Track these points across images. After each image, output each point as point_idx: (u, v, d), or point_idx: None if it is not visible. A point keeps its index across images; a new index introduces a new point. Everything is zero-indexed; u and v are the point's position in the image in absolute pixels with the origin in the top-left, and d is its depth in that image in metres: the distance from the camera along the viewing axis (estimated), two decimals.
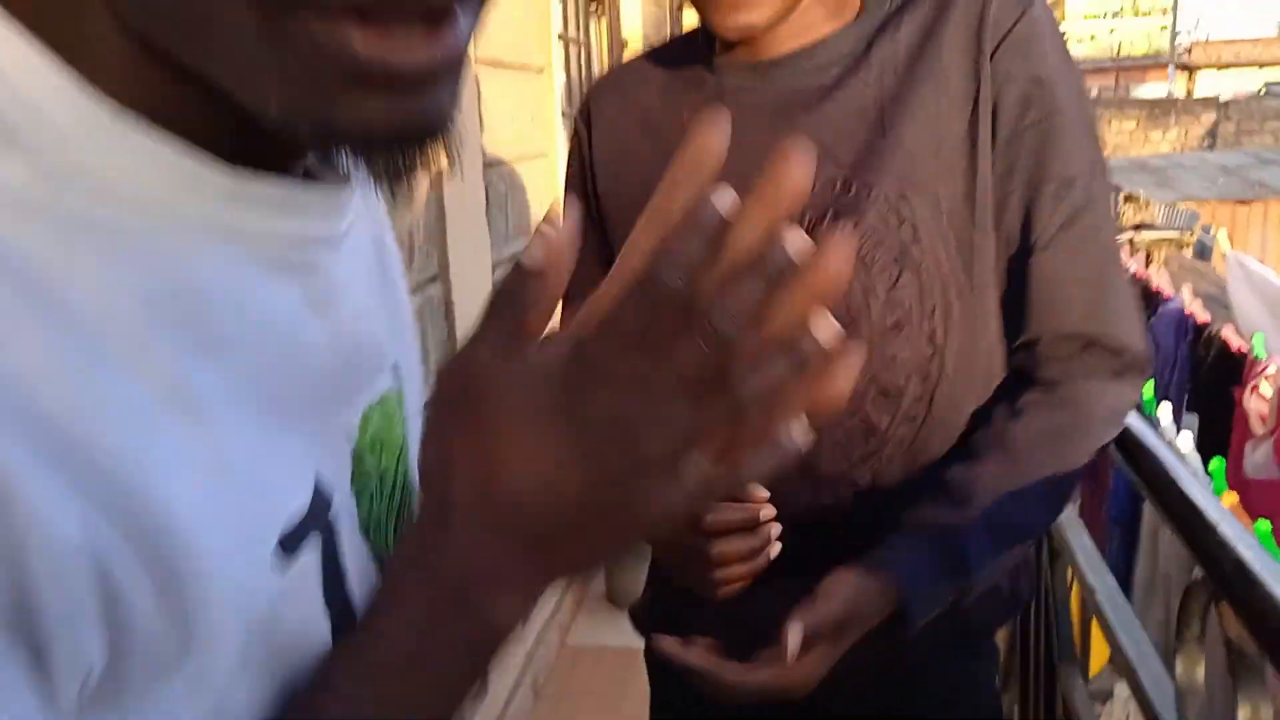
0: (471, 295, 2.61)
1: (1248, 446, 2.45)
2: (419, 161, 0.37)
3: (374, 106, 0.34)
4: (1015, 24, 0.93)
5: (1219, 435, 2.64)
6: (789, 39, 0.97)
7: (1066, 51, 0.97)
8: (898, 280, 0.95)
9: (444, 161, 0.38)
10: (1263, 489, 2.30)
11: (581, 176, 1.09)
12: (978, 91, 0.93)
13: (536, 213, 3.44)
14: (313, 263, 0.41)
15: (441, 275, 2.48)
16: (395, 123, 0.35)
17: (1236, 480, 2.34)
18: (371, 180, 0.37)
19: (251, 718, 0.38)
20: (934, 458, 0.98)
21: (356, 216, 0.45)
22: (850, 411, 0.97)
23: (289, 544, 0.39)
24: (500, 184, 3.02)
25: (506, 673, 2.89)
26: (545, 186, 3.53)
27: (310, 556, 0.40)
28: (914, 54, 0.96)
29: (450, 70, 0.36)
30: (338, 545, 0.42)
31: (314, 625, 0.40)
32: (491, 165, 2.90)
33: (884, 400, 0.97)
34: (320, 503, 0.41)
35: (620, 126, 1.06)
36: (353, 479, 0.44)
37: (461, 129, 0.38)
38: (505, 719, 2.87)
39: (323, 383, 0.42)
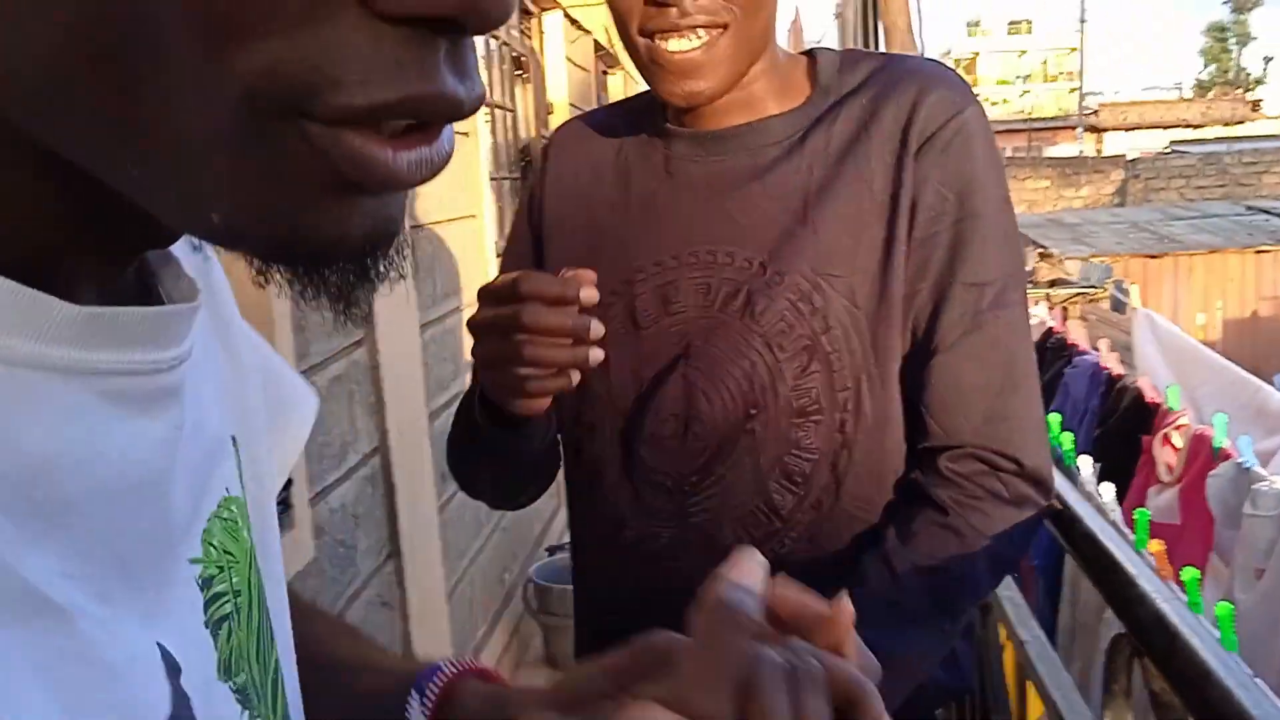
0: (398, 358, 2.58)
1: (1151, 491, 2.54)
2: (380, 273, 0.33)
3: (357, 212, 0.30)
4: (942, 127, 0.94)
5: (1118, 483, 2.72)
6: (735, 113, 0.99)
7: (995, 159, 0.97)
8: (807, 368, 0.96)
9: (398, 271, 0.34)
10: (1163, 533, 2.37)
11: (529, 211, 1.12)
12: (898, 189, 0.94)
13: (464, 274, 3.43)
14: (174, 387, 0.36)
15: (368, 339, 2.45)
16: (368, 228, 0.31)
17: (1154, 531, 2.42)
18: (324, 298, 0.32)
19: None
20: (839, 547, 0.98)
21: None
22: (754, 490, 0.98)
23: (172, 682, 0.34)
24: (427, 246, 3.00)
25: None
26: (472, 248, 3.53)
27: (195, 677, 0.36)
28: (844, 148, 0.97)
29: (434, 172, 0.32)
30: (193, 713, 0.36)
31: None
32: (418, 228, 2.89)
33: (789, 484, 0.97)
34: (172, 674, 0.35)
35: (573, 171, 1.09)
36: (206, 619, 0.39)
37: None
38: None
39: (171, 522, 0.37)
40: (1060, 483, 1.18)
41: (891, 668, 0.90)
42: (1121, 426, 2.88)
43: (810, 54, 1.04)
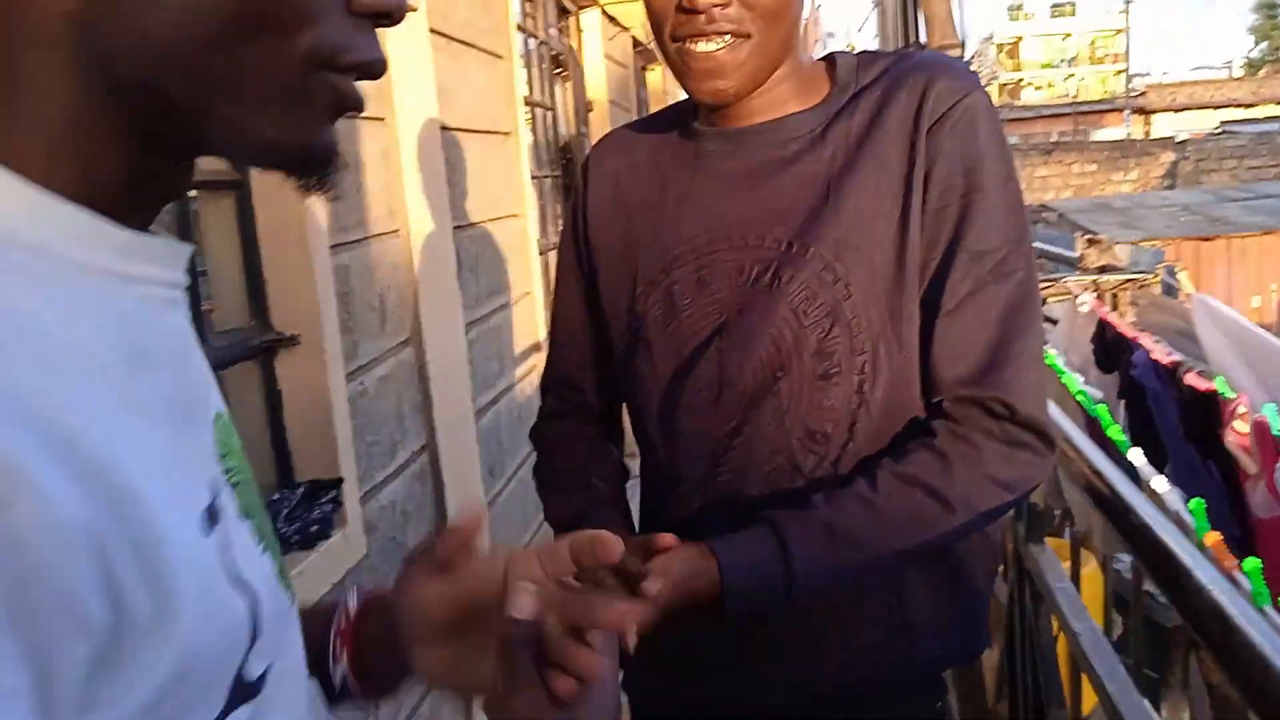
0: (444, 358, 2.61)
1: (1248, 486, 2.45)
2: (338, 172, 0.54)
3: (334, 131, 0.52)
4: (951, 108, 1.03)
5: (1201, 479, 2.63)
6: (760, 112, 1.07)
7: (1000, 137, 1.05)
8: (829, 332, 1.03)
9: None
10: (1271, 527, 2.28)
11: (574, 224, 1.22)
12: (912, 168, 1.03)
13: (508, 273, 3.45)
14: (180, 301, 0.52)
15: (414, 339, 2.47)
16: (338, 142, 0.53)
17: (1247, 521, 2.34)
18: (320, 189, 0.52)
19: (205, 665, 0.46)
20: None
21: None
22: (776, 450, 1.05)
23: (209, 517, 0.48)
24: (471, 246, 3.03)
25: None
26: (516, 247, 3.55)
27: (220, 528, 0.49)
28: (862, 135, 1.05)
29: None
30: (229, 528, 0.50)
31: (229, 600, 0.49)
32: (462, 228, 2.91)
33: (810, 443, 1.04)
34: (214, 488, 0.50)
35: (612, 181, 1.18)
36: (223, 470, 0.53)
37: (430, 193, 0.52)
38: None
39: (200, 397, 0.54)
40: (1113, 473, 1.17)
41: (850, 547, 0.97)
42: (1197, 418, 2.79)
43: (829, 58, 1.13)
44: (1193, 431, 2.84)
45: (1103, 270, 4.75)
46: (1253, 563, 1.70)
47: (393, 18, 0.51)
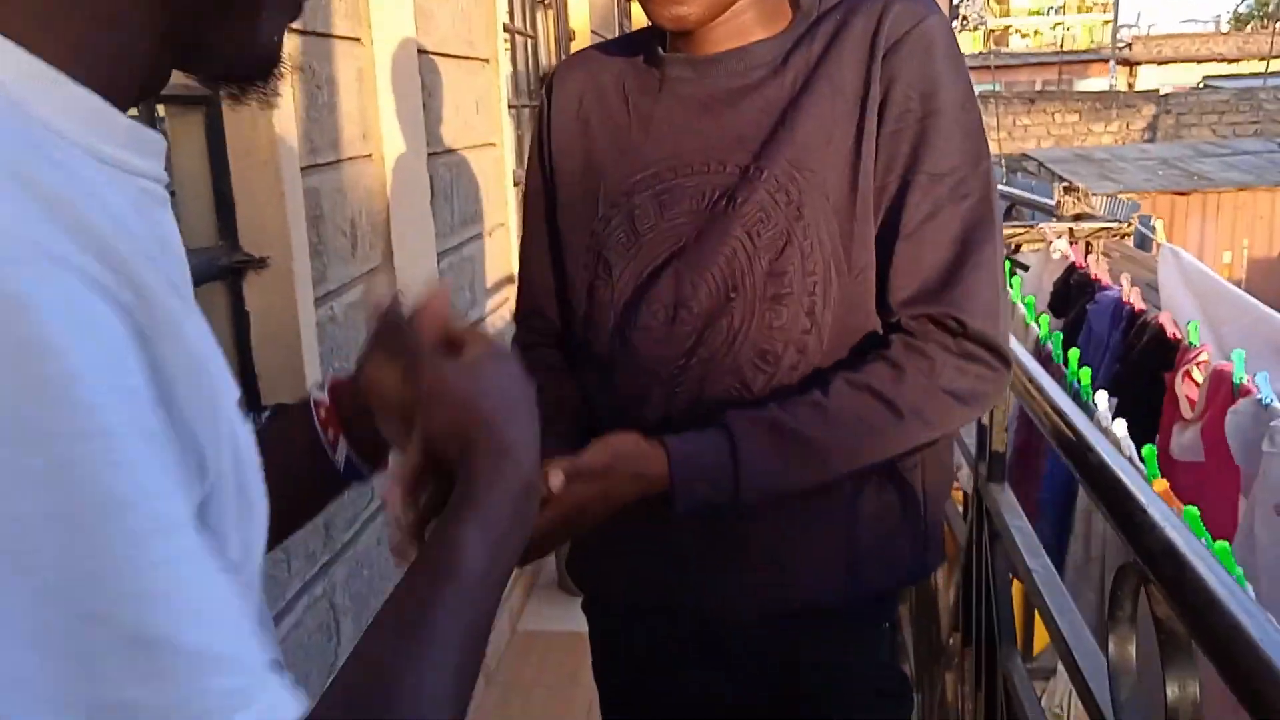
0: (415, 285, 2.59)
1: (1175, 429, 2.51)
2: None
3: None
4: (907, 32, 1.03)
5: (1144, 422, 2.70)
6: (723, 40, 1.08)
7: (958, 61, 1.06)
8: (781, 253, 1.04)
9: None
10: (1189, 470, 2.35)
11: (539, 143, 1.21)
12: (867, 91, 1.04)
13: (482, 203, 3.41)
14: (167, 199, 0.54)
15: (385, 266, 2.45)
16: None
17: (1164, 461, 2.40)
18: (272, 96, 0.56)
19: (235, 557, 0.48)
20: None
21: None
22: (728, 371, 1.06)
23: (244, 406, 0.52)
24: (445, 173, 2.99)
25: None
26: (492, 177, 3.51)
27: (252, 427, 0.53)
28: (819, 59, 1.06)
29: None
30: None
31: (260, 493, 0.52)
32: (436, 155, 2.87)
33: (761, 364, 1.06)
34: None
35: (575, 103, 1.18)
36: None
37: (404, 117, 0.50)
38: None
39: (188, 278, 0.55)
40: (1074, 414, 1.18)
41: (799, 447, 1.00)
42: (1143, 363, 2.85)
43: None
44: (1129, 376, 2.90)
45: (1078, 218, 4.77)
46: (1191, 511, 1.74)
47: None
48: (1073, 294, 3.59)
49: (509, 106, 3.66)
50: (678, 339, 1.07)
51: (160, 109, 1.76)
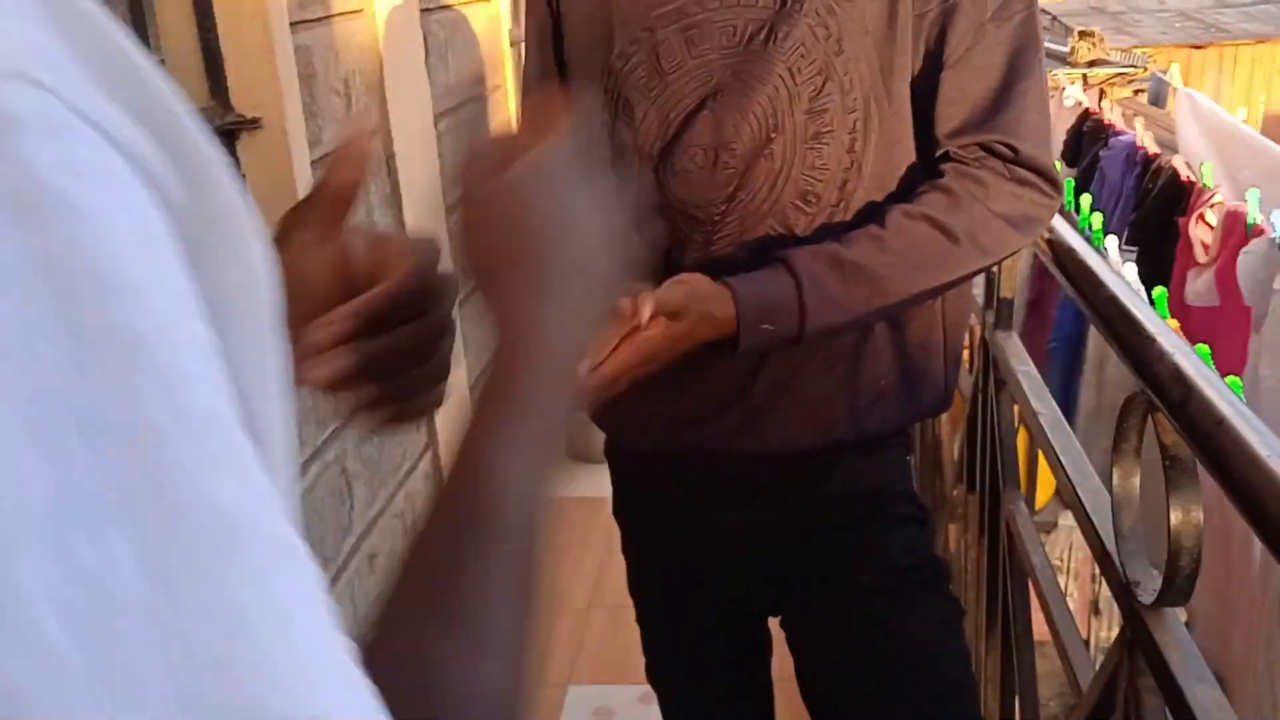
0: (413, 149, 2.54)
1: (1190, 274, 2.49)
2: None
3: None
4: None
5: (1162, 268, 2.67)
6: None
7: None
8: (822, 90, 1.01)
9: None
10: (1202, 315, 2.34)
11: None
12: None
13: (480, 61, 3.32)
14: None
15: (380, 127, 2.40)
16: None
17: (1178, 308, 2.39)
18: None
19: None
20: None
21: None
22: (770, 213, 1.04)
23: None
24: (439, 31, 2.90)
25: None
26: (488, 35, 3.40)
27: None
28: None
29: None
30: None
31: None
32: (429, 10, 2.77)
33: (802, 204, 1.04)
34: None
35: None
36: None
37: None
38: None
39: None
40: (1085, 251, 1.17)
41: (861, 280, 0.99)
42: (1159, 208, 2.80)
43: None
44: (1144, 222, 2.86)
45: (1093, 64, 4.64)
46: (1203, 348, 1.74)
47: None
48: (1085, 141, 3.51)
49: None
50: (718, 182, 1.04)
51: None
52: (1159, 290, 2.02)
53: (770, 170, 1.03)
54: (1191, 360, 0.83)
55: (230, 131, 1.88)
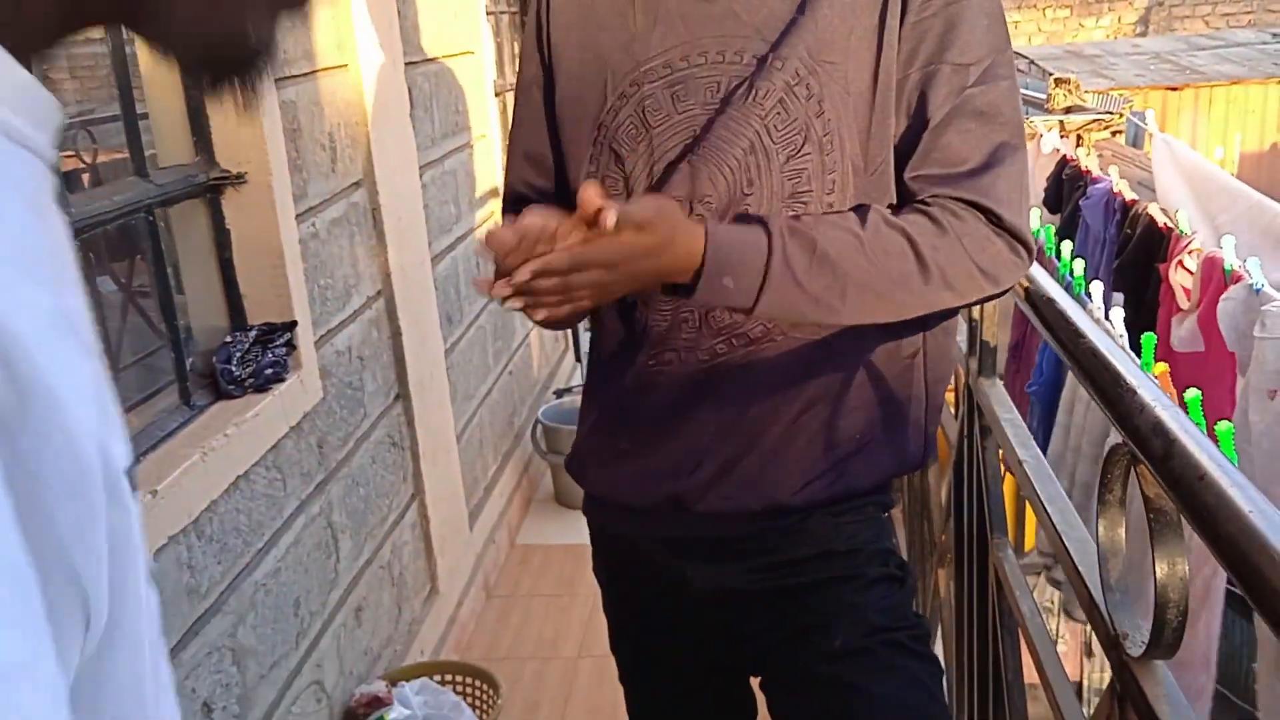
0: (398, 201, 2.55)
1: (1174, 321, 2.51)
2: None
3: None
4: None
5: (1148, 314, 2.69)
6: None
7: None
8: (800, 149, 1.02)
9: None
10: (1189, 361, 2.36)
11: (537, 33, 1.17)
12: None
13: (463, 114, 3.34)
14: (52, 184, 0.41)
15: (366, 180, 2.41)
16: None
17: (1165, 353, 2.40)
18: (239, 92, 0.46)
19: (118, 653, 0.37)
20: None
21: None
22: None
23: (130, 479, 0.38)
24: (424, 84, 2.92)
25: (458, 572, 2.92)
26: (471, 86, 3.44)
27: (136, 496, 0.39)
28: None
29: None
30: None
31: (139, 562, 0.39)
32: (414, 64, 2.80)
33: None
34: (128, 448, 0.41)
35: None
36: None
37: (379, 24, 0.48)
38: (458, 618, 2.91)
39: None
40: (1064, 301, 1.17)
41: (827, 269, 0.97)
42: (1140, 254, 2.83)
43: None
44: (1126, 269, 2.89)
45: (1069, 111, 4.70)
46: (1192, 394, 1.75)
47: None
48: (1065, 189, 3.55)
49: (486, 13, 3.57)
50: None
51: None
52: (1147, 335, 2.03)
53: None
54: (1172, 413, 0.83)
55: (215, 187, 1.89)
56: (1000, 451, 1.53)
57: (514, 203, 1.23)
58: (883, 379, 1.10)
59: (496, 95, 3.75)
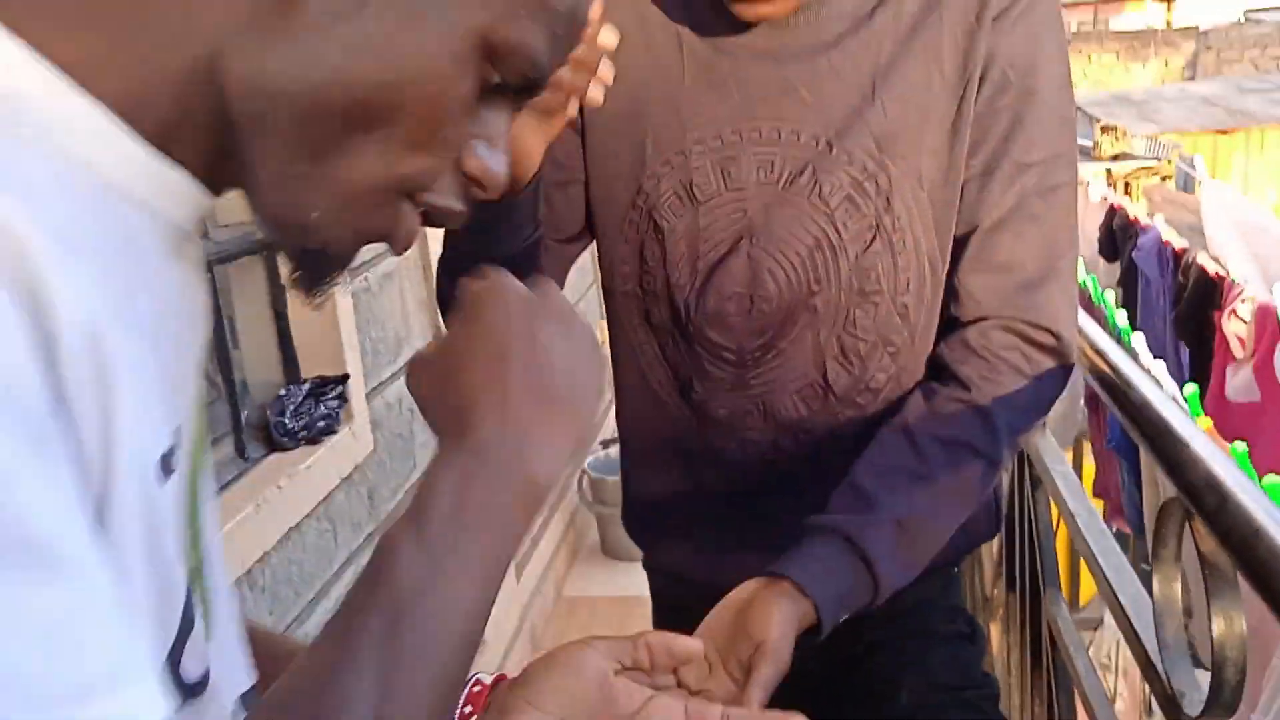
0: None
1: (1229, 370, 2.46)
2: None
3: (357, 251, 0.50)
4: (1013, 3, 0.93)
5: (1204, 363, 2.65)
6: None
7: (1061, 34, 0.97)
8: (869, 246, 0.96)
9: None
10: (1244, 412, 2.31)
11: None
12: (969, 67, 0.94)
13: None
14: (192, 243, 0.49)
15: (419, 235, 2.46)
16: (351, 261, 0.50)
17: (1218, 405, 2.36)
18: (307, 285, 0.51)
19: (146, 625, 0.42)
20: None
21: None
22: (812, 364, 1.00)
23: (165, 465, 0.44)
24: None
25: (505, 623, 2.92)
26: None
27: (174, 490, 0.45)
28: (914, 24, 0.95)
29: None
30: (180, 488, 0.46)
31: (175, 564, 0.45)
32: None
33: (844, 361, 1.00)
34: (177, 442, 0.46)
35: (621, 30, 1.04)
36: (190, 445, 0.49)
37: None
38: (504, 668, 2.90)
39: (191, 358, 0.50)
40: (1114, 353, 1.17)
41: (925, 539, 0.94)
42: (1195, 304, 2.79)
43: None
44: (1184, 318, 2.85)
45: (1116, 159, 4.67)
46: (1239, 447, 1.72)
47: (485, 190, 0.50)
48: (1118, 238, 3.51)
49: None
50: (754, 330, 1.01)
51: None
52: (1191, 389, 2.01)
53: (812, 323, 0.99)
54: (1226, 466, 0.83)
55: (271, 244, 1.94)
56: (1053, 504, 1.51)
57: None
58: None
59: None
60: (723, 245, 1.00)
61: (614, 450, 3.86)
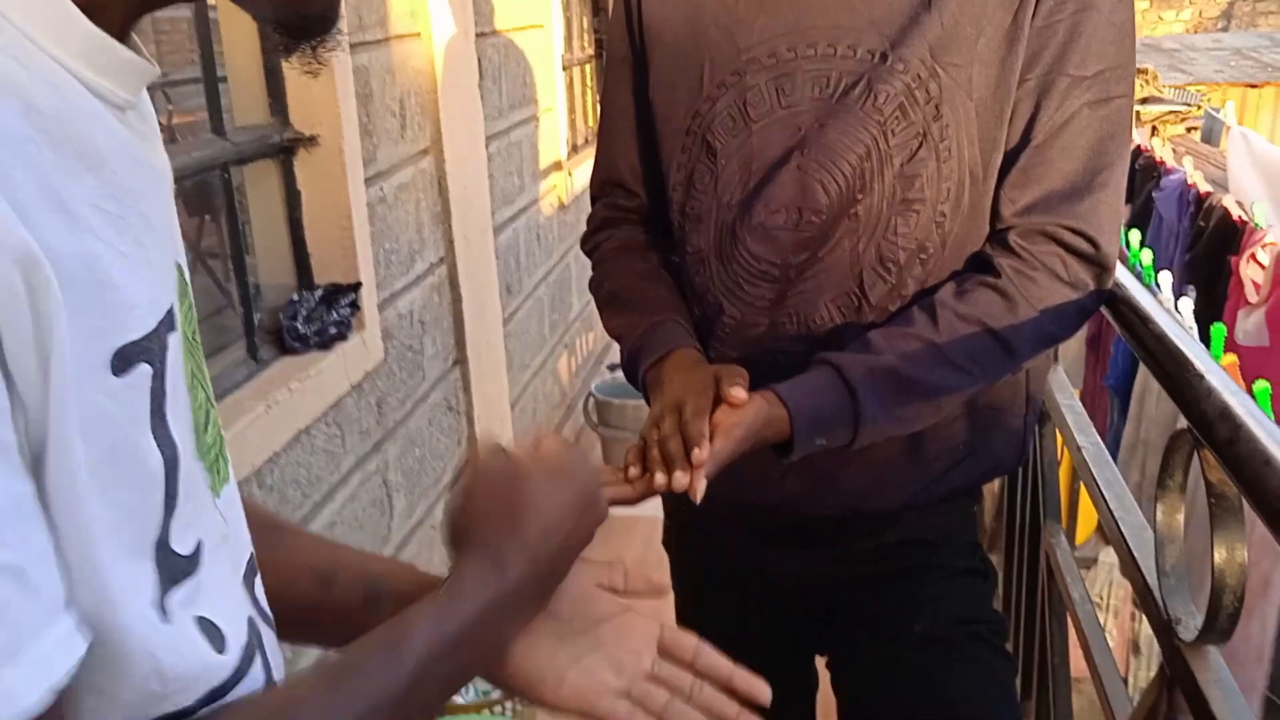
0: (464, 170, 2.58)
1: (1240, 314, 2.46)
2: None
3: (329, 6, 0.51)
4: None
5: (1217, 307, 2.64)
6: None
7: None
8: (915, 154, 0.96)
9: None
10: (1253, 355, 2.31)
11: (626, 7, 1.11)
12: None
13: (531, 86, 3.37)
14: (132, 124, 0.49)
15: (434, 148, 2.44)
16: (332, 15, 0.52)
17: (1227, 348, 2.36)
18: (307, 57, 0.52)
19: (100, 539, 0.42)
20: None
21: None
22: (850, 274, 1.01)
23: (121, 360, 0.44)
24: (493, 55, 2.95)
25: None
26: (540, 59, 3.45)
27: (138, 383, 0.45)
28: None
29: None
30: (165, 381, 0.47)
31: (145, 454, 0.46)
32: (484, 35, 2.82)
33: (882, 270, 1.00)
34: (163, 328, 0.47)
35: None
36: (180, 307, 0.51)
37: None
38: None
39: (171, 224, 0.52)
40: (1132, 285, 1.16)
41: (916, 394, 0.97)
42: (1212, 247, 2.78)
43: None
44: (1198, 260, 2.83)
45: (1144, 101, 4.60)
46: (1262, 384, 1.72)
47: None
48: (1139, 179, 3.48)
49: None
50: (800, 242, 1.00)
51: None
52: (1217, 326, 2.00)
53: (854, 231, 0.99)
54: (1240, 399, 0.83)
55: (288, 148, 1.93)
56: (1059, 439, 1.52)
57: (602, 186, 1.19)
58: (988, 389, 1.05)
59: (564, 70, 3.77)
60: (773, 160, 1.00)
61: (619, 374, 3.87)
